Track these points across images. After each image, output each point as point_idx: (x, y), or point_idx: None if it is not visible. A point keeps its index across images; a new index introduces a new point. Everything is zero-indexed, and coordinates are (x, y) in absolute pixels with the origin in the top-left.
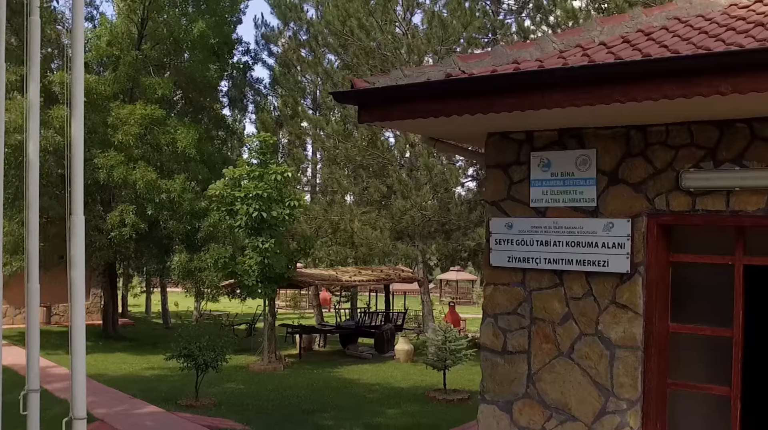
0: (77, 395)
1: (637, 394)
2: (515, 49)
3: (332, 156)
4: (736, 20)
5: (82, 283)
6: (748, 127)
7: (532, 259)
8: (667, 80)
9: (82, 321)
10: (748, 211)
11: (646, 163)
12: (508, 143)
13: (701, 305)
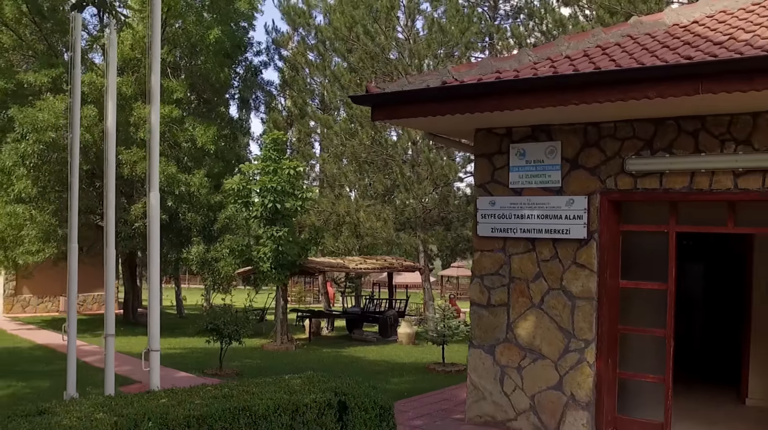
0: (153, 333)
1: (593, 335)
2: (498, 61)
3: (339, 153)
4: (672, 38)
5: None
6: (675, 123)
7: (510, 229)
8: (610, 88)
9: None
10: (676, 188)
11: (599, 152)
12: (492, 137)
13: (645, 265)
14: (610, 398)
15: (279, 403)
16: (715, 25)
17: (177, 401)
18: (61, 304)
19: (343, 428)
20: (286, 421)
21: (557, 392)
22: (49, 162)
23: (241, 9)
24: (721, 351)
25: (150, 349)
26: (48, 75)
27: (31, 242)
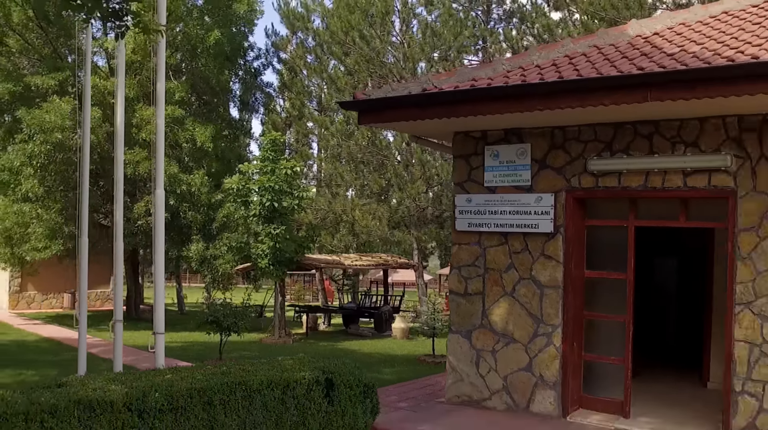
0: (158, 317)
1: (559, 321)
2: (475, 70)
3: (336, 153)
4: (633, 49)
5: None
6: (632, 127)
7: (485, 224)
8: (570, 95)
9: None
10: (633, 186)
11: (565, 153)
12: (469, 140)
13: (608, 257)
14: (576, 379)
15: (272, 379)
16: (672, 37)
17: (181, 376)
18: (65, 300)
19: (330, 403)
20: (278, 395)
21: (527, 373)
22: (55, 162)
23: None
24: (691, 340)
25: (155, 332)
26: (54, 78)
27: (38, 239)
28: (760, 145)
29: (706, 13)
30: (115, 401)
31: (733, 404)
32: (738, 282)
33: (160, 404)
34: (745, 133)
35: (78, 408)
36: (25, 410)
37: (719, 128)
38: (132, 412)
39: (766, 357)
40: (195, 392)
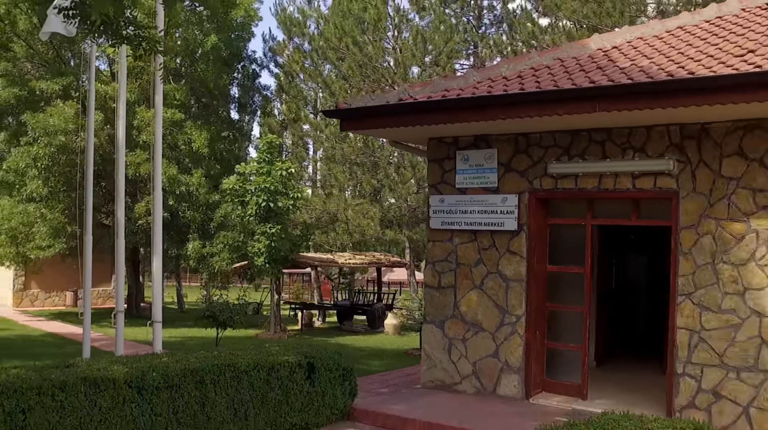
0: (156, 306)
1: (522, 311)
2: (448, 80)
3: (330, 155)
4: (591, 63)
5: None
6: (588, 134)
7: (456, 223)
8: (528, 106)
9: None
10: (588, 188)
11: (528, 157)
12: (442, 145)
13: (567, 252)
14: (538, 364)
15: (258, 362)
16: (628, 51)
17: (176, 359)
18: (68, 298)
19: (311, 384)
20: (263, 376)
21: (494, 359)
22: (58, 164)
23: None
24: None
25: (154, 320)
26: (58, 83)
27: (42, 238)
28: (699, 151)
29: (663, 27)
30: (117, 379)
31: (676, 385)
32: (680, 275)
33: (157, 382)
34: (686, 140)
35: (84, 384)
36: (38, 385)
37: (664, 136)
38: (132, 388)
39: (704, 343)
40: (188, 373)
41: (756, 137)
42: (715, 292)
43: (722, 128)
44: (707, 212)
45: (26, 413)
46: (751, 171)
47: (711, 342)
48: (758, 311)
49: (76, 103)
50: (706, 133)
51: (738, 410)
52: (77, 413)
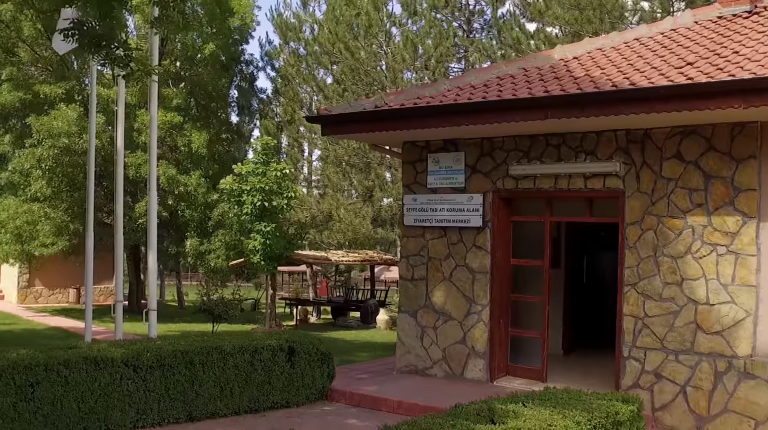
0: (151, 295)
1: (487, 301)
2: (421, 89)
3: (325, 156)
4: (550, 73)
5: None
6: (545, 139)
7: (428, 220)
8: (488, 114)
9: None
10: (545, 188)
11: (492, 160)
12: (415, 148)
13: (529, 247)
14: (502, 350)
15: (242, 345)
16: (586, 62)
17: (168, 343)
18: (71, 295)
19: (292, 366)
20: (248, 358)
21: (462, 345)
22: (62, 165)
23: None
24: None
25: (149, 308)
26: (61, 87)
27: (46, 235)
28: (643, 154)
29: (620, 39)
30: (115, 358)
31: (623, 367)
32: (626, 267)
33: (151, 362)
34: (631, 145)
35: (86, 363)
36: (45, 362)
37: (612, 140)
38: (128, 367)
39: (646, 328)
40: (179, 354)
41: (692, 142)
42: (656, 282)
43: (663, 134)
44: (650, 210)
45: (35, 387)
46: (687, 173)
47: (653, 328)
48: (694, 300)
49: (78, 106)
50: (649, 138)
51: (676, 389)
52: (79, 387)
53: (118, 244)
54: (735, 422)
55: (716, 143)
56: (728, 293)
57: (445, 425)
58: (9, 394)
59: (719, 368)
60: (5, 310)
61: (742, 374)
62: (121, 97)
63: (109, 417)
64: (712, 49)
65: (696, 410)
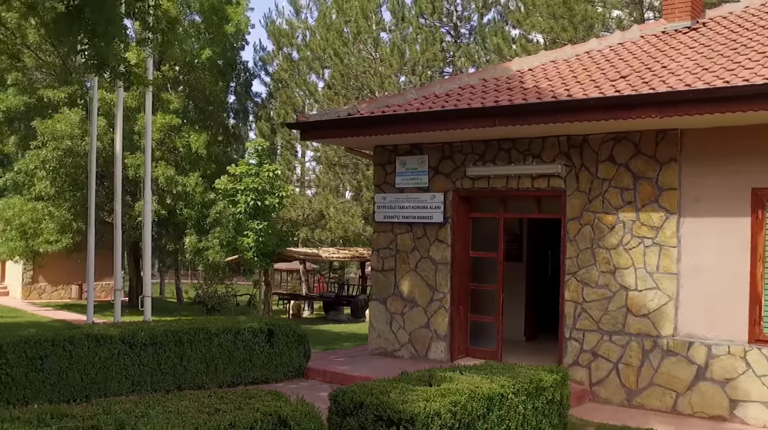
0: (146, 282)
1: (448, 289)
2: (390, 98)
3: (316, 157)
4: (505, 84)
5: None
6: (497, 143)
7: (396, 216)
8: (444, 121)
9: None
10: (498, 188)
11: (452, 162)
12: (385, 152)
13: (485, 241)
14: (462, 333)
15: (226, 326)
16: (538, 74)
17: (161, 324)
18: (73, 291)
19: (271, 346)
20: (231, 338)
21: (426, 329)
22: (65, 166)
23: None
24: None
25: (144, 295)
26: (65, 92)
27: (50, 233)
28: (581, 157)
29: (573, 52)
30: (113, 336)
31: (564, 346)
32: (567, 258)
33: (145, 340)
34: (571, 149)
35: (88, 339)
36: (52, 338)
37: (555, 145)
38: (125, 344)
39: (585, 312)
40: (170, 333)
41: (623, 147)
42: (593, 271)
43: (598, 139)
44: (587, 207)
45: (43, 359)
46: (619, 174)
47: (590, 312)
48: (625, 286)
49: (81, 109)
50: (587, 143)
51: (610, 366)
52: (82, 361)
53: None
54: (659, 394)
55: (643, 148)
56: (653, 280)
57: (389, 386)
58: (21, 365)
59: (646, 347)
60: (10, 305)
61: (665, 352)
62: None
63: (107, 387)
64: (645, 64)
65: (627, 384)
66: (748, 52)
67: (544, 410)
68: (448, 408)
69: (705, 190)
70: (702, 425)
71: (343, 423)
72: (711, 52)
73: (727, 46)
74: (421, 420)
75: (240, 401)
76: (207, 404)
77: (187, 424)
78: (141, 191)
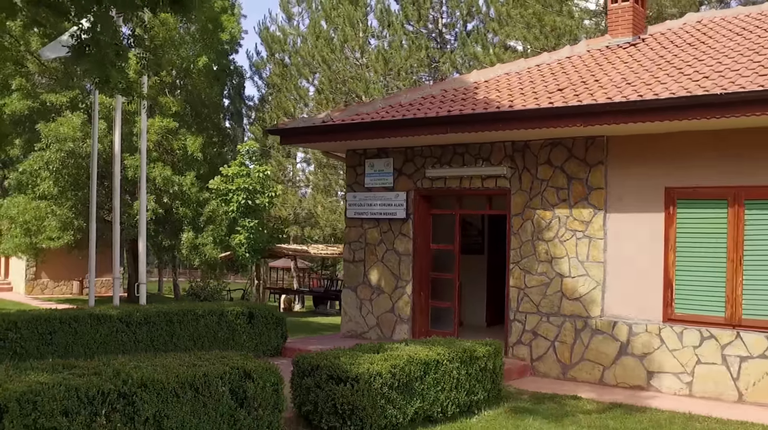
0: (141, 272)
1: (410, 278)
2: (360, 107)
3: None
4: (462, 94)
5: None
6: (453, 148)
7: (365, 213)
8: (404, 129)
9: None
10: (453, 187)
11: (413, 164)
12: (356, 155)
13: (444, 234)
14: (423, 317)
15: (211, 309)
16: (491, 85)
17: (154, 306)
18: (74, 287)
19: (252, 327)
20: (215, 319)
21: (391, 314)
22: (67, 167)
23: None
24: None
25: (139, 283)
26: (66, 96)
27: (52, 230)
28: (523, 160)
29: (525, 65)
30: (112, 316)
31: (509, 328)
32: (512, 249)
33: (140, 319)
34: (515, 153)
35: (90, 318)
36: (60, 317)
37: (501, 149)
38: (122, 322)
39: (527, 297)
40: (161, 314)
41: (558, 151)
42: (533, 260)
43: (538, 145)
44: (528, 204)
45: (52, 335)
46: (555, 175)
47: (531, 296)
48: (560, 274)
49: (82, 113)
50: (528, 148)
51: (548, 344)
52: (85, 337)
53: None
54: (589, 367)
55: (576, 152)
56: (584, 268)
57: (341, 353)
58: (33, 339)
59: (578, 327)
60: (14, 299)
61: (594, 330)
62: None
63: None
64: (582, 77)
65: (562, 360)
66: (669, 68)
67: (477, 376)
68: (389, 369)
69: (627, 190)
70: (622, 394)
71: (302, 382)
72: (639, 67)
73: (653, 62)
74: (364, 379)
75: (214, 359)
76: (187, 361)
77: (169, 372)
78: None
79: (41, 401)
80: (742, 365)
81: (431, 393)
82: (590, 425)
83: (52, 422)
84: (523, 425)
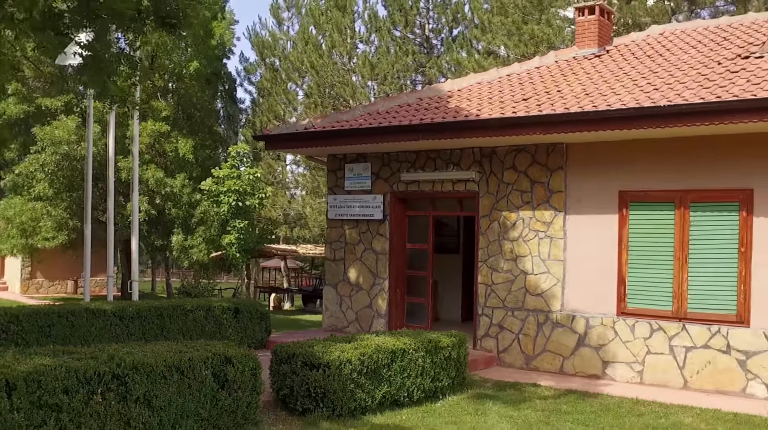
0: (133, 270)
1: (387, 275)
2: (341, 114)
3: (296, 160)
4: (435, 103)
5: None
6: (426, 153)
7: (345, 214)
8: (379, 136)
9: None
10: (426, 190)
11: (389, 169)
12: (336, 159)
13: (419, 234)
14: (399, 312)
15: (199, 305)
16: (464, 94)
17: (146, 302)
18: (69, 286)
19: (237, 321)
20: (203, 314)
21: (369, 309)
22: (62, 169)
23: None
24: None
25: (132, 280)
26: (61, 100)
27: (47, 230)
28: (491, 165)
29: (497, 74)
30: (107, 310)
31: (478, 322)
32: (480, 248)
33: (132, 314)
34: (483, 158)
35: (86, 312)
36: (58, 311)
37: (470, 155)
38: (116, 317)
39: (493, 293)
40: (153, 309)
41: (522, 157)
42: (499, 259)
43: (504, 151)
44: (495, 206)
45: (51, 328)
46: (520, 179)
47: (497, 292)
48: (524, 271)
49: (77, 116)
50: (495, 153)
51: (512, 336)
52: (81, 329)
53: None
54: (550, 358)
55: (538, 158)
56: (546, 266)
57: (315, 343)
58: (33, 331)
59: (540, 320)
60: (10, 299)
61: (554, 324)
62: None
63: None
64: (546, 88)
65: (525, 351)
66: (625, 80)
67: (442, 364)
68: (358, 357)
69: (585, 193)
70: (579, 382)
71: (280, 368)
72: (599, 78)
73: (613, 74)
74: (335, 365)
75: (200, 346)
76: (175, 348)
77: (158, 357)
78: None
79: (45, 380)
80: (688, 355)
81: (398, 379)
82: (544, 409)
83: (54, 399)
84: (483, 409)
